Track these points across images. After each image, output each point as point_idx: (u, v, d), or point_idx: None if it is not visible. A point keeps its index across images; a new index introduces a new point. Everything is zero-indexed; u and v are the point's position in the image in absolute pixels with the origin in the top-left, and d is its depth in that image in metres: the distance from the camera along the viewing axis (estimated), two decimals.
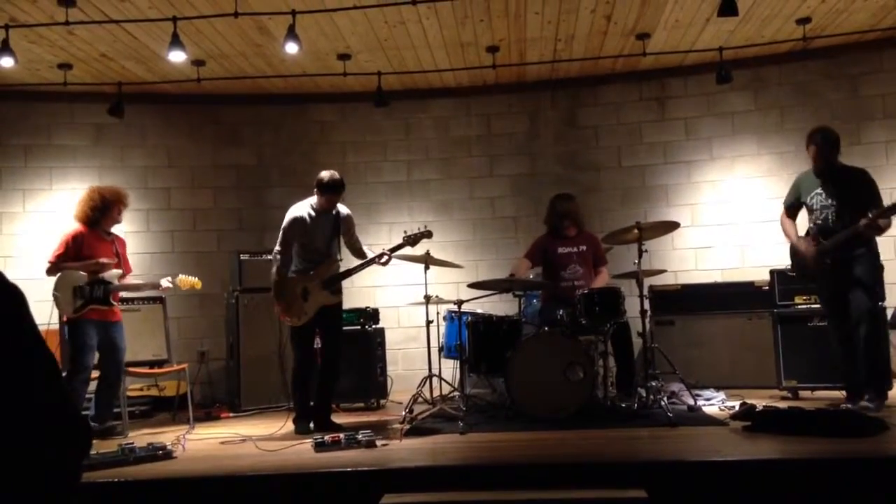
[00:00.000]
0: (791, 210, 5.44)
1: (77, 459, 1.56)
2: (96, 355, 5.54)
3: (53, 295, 5.40)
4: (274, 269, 5.36)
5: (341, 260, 5.51)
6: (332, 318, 5.43)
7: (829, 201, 5.12)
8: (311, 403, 5.36)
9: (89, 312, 5.44)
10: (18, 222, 7.48)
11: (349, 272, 5.50)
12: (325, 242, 5.43)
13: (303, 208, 5.42)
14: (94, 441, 5.16)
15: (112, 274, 5.59)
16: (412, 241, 5.49)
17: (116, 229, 5.87)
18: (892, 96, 7.19)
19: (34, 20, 5.85)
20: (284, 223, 5.40)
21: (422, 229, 5.53)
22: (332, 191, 5.33)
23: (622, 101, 7.98)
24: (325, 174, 5.34)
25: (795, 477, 3.62)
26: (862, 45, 7.19)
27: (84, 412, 5.51)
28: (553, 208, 6.16)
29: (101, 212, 5.62)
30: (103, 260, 5.55)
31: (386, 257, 5.43)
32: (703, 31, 6.79)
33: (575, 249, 6.03)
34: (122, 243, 5.89)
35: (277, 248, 5.37)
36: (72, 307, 5.41)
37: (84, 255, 5.53)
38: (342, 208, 5.54)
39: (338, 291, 5.45)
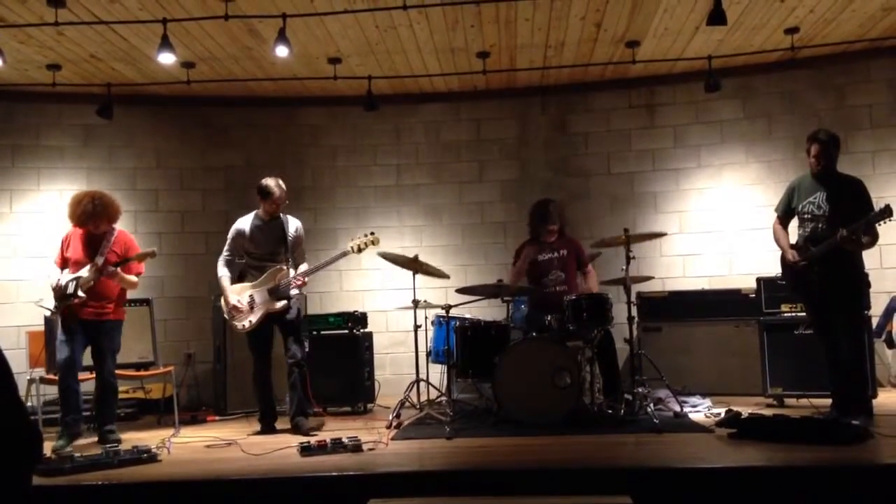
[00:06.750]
0: (784, 219, 5.26)
1: (27, 466, 1.51)
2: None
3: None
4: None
5: (290, 266, 5.62)
6: (284, 322, 5.57)
7: (822, 210, 4.93)
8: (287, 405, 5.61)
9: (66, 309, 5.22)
10: (5, 223, 7.42)
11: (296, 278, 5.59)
12: (272, 250, 5.61)
13: (246, 219, 5.66)
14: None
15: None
16: (356, 251, 5.69)
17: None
18: (879, 106, 7.25)
19: (23, 20, 5.82)
20: (229, 233, 5.67)
21: (368, 235, 5.69)
22: (259, 196, 5.59)
23: (612, 109, 8.01)
24: (261, 181, 5.58)
25: (779, 484, 3.65)
26: (849, 55, 7.24)
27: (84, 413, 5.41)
28: (534, 214, 6.13)
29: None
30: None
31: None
32: (692, 40, 6.83)
33: (556, 255, 6.02)
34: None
35: (221, 257, 5.65)
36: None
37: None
38: (292, 220, 5.71)
39: (283, 297, 5.51)
